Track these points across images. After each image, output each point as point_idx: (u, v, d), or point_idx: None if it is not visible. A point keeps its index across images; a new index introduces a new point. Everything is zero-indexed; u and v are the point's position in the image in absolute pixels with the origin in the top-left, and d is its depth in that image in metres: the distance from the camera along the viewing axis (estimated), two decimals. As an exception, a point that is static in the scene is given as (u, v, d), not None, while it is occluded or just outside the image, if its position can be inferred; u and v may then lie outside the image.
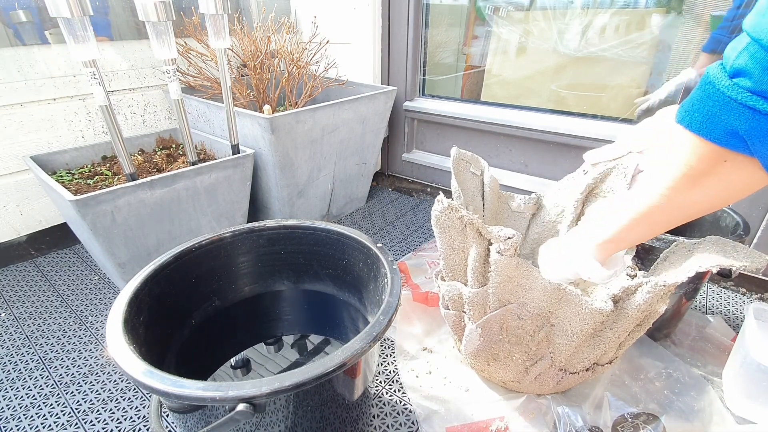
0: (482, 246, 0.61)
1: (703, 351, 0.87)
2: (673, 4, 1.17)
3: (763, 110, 0.36)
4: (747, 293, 1.07)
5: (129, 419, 0.74)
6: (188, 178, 0.97)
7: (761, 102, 0.36)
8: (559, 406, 0.72)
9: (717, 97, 0.39)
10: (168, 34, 0.86)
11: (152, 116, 1.34)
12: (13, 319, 0.98)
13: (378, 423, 0.74)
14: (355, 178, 1.43)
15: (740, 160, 0.40)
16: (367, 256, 0.67)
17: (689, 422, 0.72)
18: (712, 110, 0.39)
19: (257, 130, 1.09)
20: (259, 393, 0.41)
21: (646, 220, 0.51)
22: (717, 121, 0.39)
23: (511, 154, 1.38)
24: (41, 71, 1.09)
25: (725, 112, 0.38)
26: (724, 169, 0.42)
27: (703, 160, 0.42)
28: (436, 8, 1.46)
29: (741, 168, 0.41)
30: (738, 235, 0.76)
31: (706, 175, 0.43)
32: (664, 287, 0.54)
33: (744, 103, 0.37)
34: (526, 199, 0.89)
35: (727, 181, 0.42)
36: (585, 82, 1.34)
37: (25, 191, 1.14)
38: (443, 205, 0.61)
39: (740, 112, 0.37)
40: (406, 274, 1.12)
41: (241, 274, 0.75)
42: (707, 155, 0.42)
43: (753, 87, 0.36)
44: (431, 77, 1.54)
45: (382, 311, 0.52)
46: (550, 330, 0.64)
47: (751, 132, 0.37)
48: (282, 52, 1.33)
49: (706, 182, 0.43)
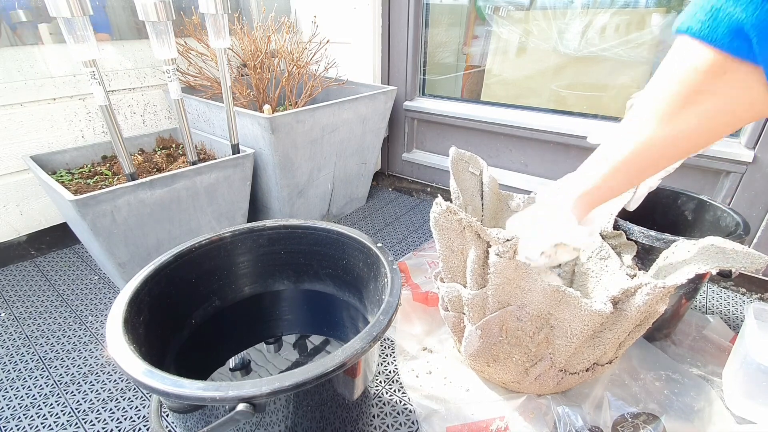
0: (481, 248, 0.61)
1: (703, 351, 0.87)
2: (673, 4, 1.17)
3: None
4: (747, 293, 1.07)
5: (129, 419, 0.74)
6: (188, 178, 0.97)
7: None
8: (559, 406, 0.72)
9: None
10: (168, 34, 0.86)
11: (152, 116, 1.34)
12: (13, 319, 0.98)
13: (378, 423, 0.74)
14: (355, 178, 1.43)
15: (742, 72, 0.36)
16: (367, 256, 0.67)
17: (689, 422, 0.72)
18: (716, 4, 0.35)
19: (257, 130, 1.09)
20: (259, 393, 0.41)
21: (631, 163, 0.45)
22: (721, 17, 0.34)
23: (511, 154, 1.38)
24: (41, 71, 1.09)
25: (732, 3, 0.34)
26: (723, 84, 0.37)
27: (700, 71, 0.37)
28: (436, 8, 1.46)
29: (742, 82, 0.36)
30: (738, 235, 0.76)
31: (700, 93, 0.38)
32: (663, 289, 0.54)
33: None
34: (525, 199, 0.89)
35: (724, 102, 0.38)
36: (585, 82, 1.34)
37: (25, 191, 1.14)
38: (442, 207, 0.61)
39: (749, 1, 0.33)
40: (406, 274, 1.12)
41: (241, 274, 0.75)
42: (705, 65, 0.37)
43: None
44: (431, 77, 1.54)
45: (382, 311, 0.52)
46: (549, 331, 0.64)
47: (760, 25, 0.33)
48: (282, 52, 1.33)
49: (701, 103, 0.38)
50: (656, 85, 0.42)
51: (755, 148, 0.97)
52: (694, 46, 0.37)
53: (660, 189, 0.91)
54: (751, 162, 0.98)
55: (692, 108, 0.39)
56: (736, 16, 0.34)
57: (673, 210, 0.94)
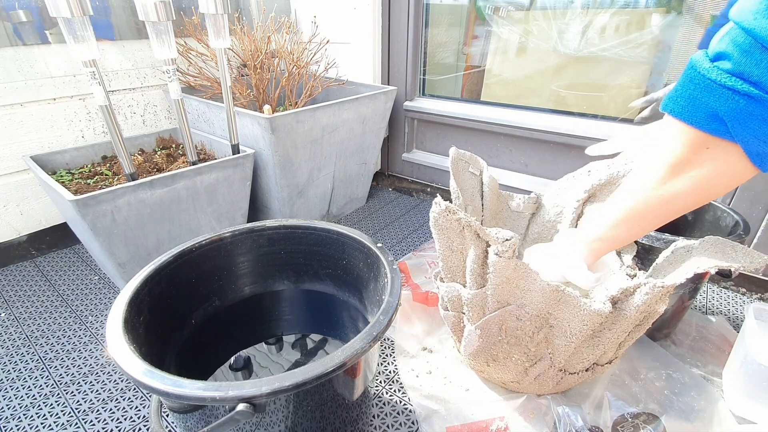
0: (480, 248, 0.61)
1: (703, 351, 0.87)
2: (673, 4, 1.17)
3: (741, 91, 0.36)
4: (747, 293, 1.07)
5: (129, 419, 0.74)
6: (188, 178, 0.97)
7: (740, 83, 0.36)
8: (559, 406, 0.72)
9: (698, 80, 0.39)
10: (168, 34, 0.86)
11: (152, 116, 1.34)
12: (13, 319, 0.98)
13: (378, 423, 0.74)
14: (355, 178, 1.43)
15: (723, 147, 0.40)
16: (367, 256, 0.67)
17: (689, 422, 0.72)
18: (693, 93, 0.40)
19: (257, 130, 1.09)
20: (259, 393, 0.41)
21: (632, 217, 0.51)
22: (698, 104, 0.40)
23: (511, 154, 1.38)
24: (41, 71, 1.09)
25: (706, 95, 0.39)
26: (708, 156, 0.42)
27: (686, 146, 0.42)
28: (436, 8, 1.46)
29: (724, 155, 0.41)
30: (738, 235, 0.76)
31: (689, 163, 0.43)
32: (662, 288, 0.54)
33: (723, 84, 0.37)
34: (525, 199, 0.89)
35: (710, 170, 0.42)
36: (585, 82, 1.34)
37: (25, 191, 1.15)
38: (441, 207, 0.61)
39: (720, 94, 0.38)
40: (406, 274, 1.12)
41: (241, 274, 0.75)
42: (690, 141, 0.42)
43: (732, 69, 0.37)
44: (431, 77, 1.54)
45: (382, 311, 0.52)
46: (549, 331, 0.64)
47: (730, 113, 0.38)
48: (282, 52, 1.33)
49: (690, 171, 0.43)
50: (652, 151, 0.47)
51: (755, 148, 0.97)
52: (680, 124, 0.42)
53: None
54: (751, 162, 0.98)
55: (682, 174, 0.44)
56: (711, 104, 0.39)
57: (673, 210, 0.94)
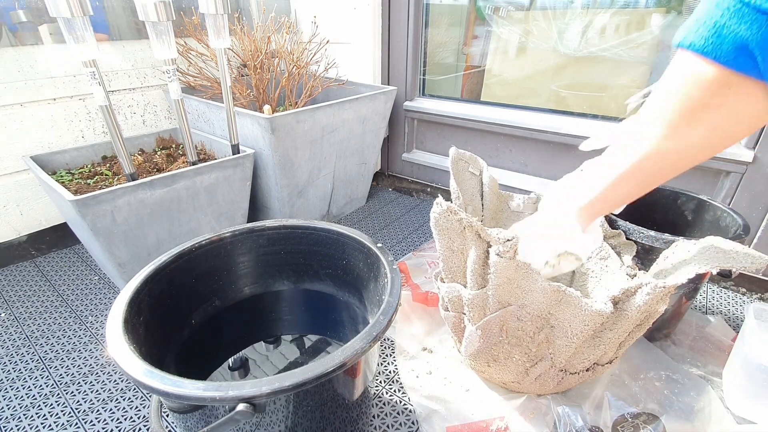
0: (481, 248, 0.61)
1: (703, 351, 0.87)
2: (673, 4, 1.17)
3: None
4: (747, 293, 1.07)
5: (129, 419, 0.74)
6: (188, 178, 0.97)
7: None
8: (559, 406, 0.72)
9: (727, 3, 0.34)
10: (168, 34, 0.86)
11: (152, 116, 1.34)
12: (13, 319, 0.98)
13: (378, 423, 0.74)
14: (355, 178, 1.43)
15: (746, 86, 0.36)
16: (367, 256, 0.67)
17: (689, 422, 0.72)
18: (720, 21, 0.34)
19: (257, 130, 1.09)
20: (259, 393, 0.41)
21: (637, 174, 0.46)
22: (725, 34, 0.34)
23: (511, 154, 1.38)
24: (41, 71, 1.09)
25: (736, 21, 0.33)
26: (728, 98, 0.37)
27: (704, 87, 0.37)
28: (436, 8, 1.46)
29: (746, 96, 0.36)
30: (738, 235, 0.76)
31: (705, 108, 0.38)
32: (663, 289, 0.54)
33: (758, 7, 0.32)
34: (525, 199, 0.89)
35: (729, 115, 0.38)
36: (585, 82, 1.34)
37: (25, 191, 1.14)
38: (442, 207, 0.61)
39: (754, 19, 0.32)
40: (406, 274, 1.12)
41: (241, 274, 0.75)
42: (709, 81, 0.37)
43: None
44: (431, 77, 1.54)
45: (382, 311, 0.52)
46: (550, 331, 0.64)
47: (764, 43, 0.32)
48: (282, 52, 1.33)
49: (706, 116, 0.38)
50: (660, 98, 0.42)
51: (755, 148, 0.97)
52: (698, 61, 0.37)
53: (660, 189, 0.91)
54: (751, 162, 0.98)
55: (698, 121, 0.39)
56: (741, 34, 0.33)
57: (672, 210, 0.94)
